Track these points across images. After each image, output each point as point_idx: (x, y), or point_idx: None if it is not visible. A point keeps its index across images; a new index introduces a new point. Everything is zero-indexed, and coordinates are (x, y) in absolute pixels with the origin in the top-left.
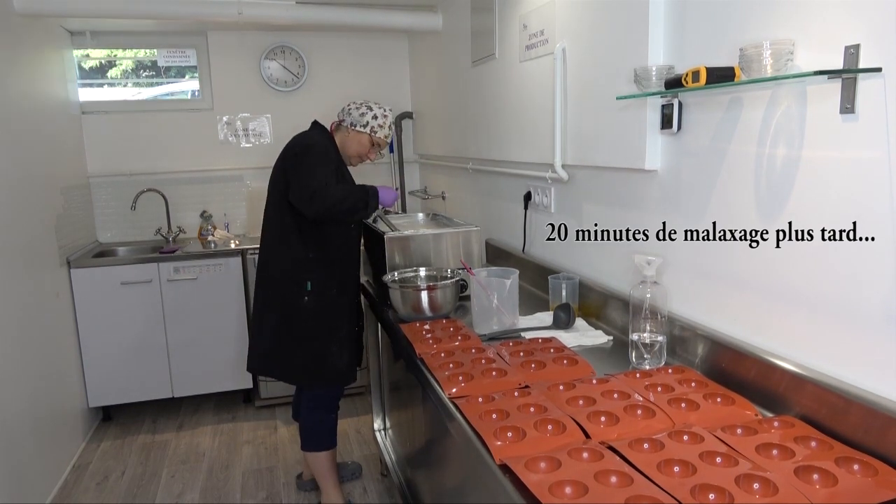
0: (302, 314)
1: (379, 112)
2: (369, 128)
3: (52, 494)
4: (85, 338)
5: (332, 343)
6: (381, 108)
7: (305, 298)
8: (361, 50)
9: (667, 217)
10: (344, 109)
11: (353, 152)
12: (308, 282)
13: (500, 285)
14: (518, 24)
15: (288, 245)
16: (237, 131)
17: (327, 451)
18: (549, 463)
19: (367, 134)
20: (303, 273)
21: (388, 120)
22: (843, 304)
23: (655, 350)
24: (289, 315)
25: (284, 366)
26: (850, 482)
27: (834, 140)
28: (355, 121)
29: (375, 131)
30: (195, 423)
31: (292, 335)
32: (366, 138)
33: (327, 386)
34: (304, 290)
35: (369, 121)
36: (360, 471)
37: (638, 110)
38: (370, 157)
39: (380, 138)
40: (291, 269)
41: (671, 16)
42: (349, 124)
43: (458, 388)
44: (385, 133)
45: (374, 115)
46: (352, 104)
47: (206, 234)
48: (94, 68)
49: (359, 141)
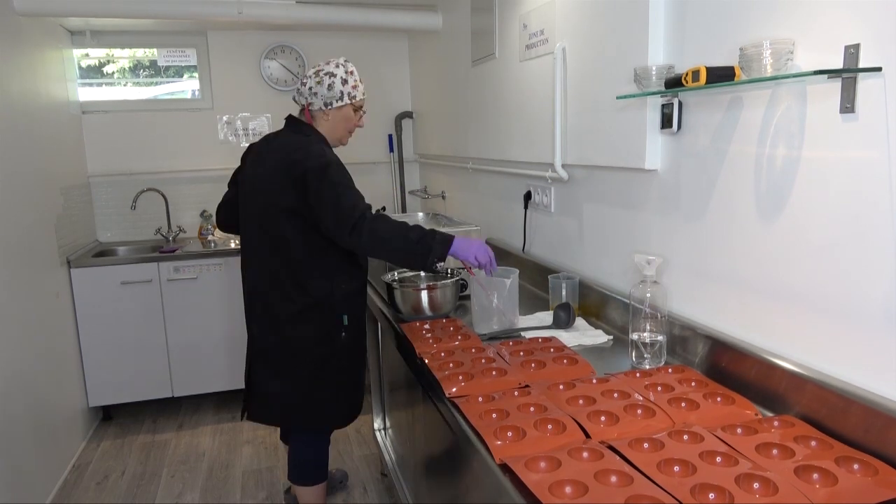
0: (337, 353)
1: (340, 72)
2: (347, 96)
3: (52, 494)
4: (85, 338)
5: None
6: (341, 66)
7: (343, 335)
8: (361, 50)
9: (667, 217)
10: (302, 92)
11: (342, 132)
12: (344, 315)
13: (500, 285)
14: (518, 24)
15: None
16: (237, 131)
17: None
18: (549, 462)
19: (348, 104)
20: (335, 307)
21: (354, 73)
22: (844, 303)
23: (655, 350)
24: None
25: (314, 413)
26: (850, 482)
27: (834, 140)
28: (328, 98)
29: (354, 96)
30: (195, 422)
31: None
32: (348, 109)
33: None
34: (340, 326)
35: (341, 88)
36: (347, 479)
37: (638, 110)
38: (360, 125)
39: (362, 100)
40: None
41: (671, 15)
42: (323, 105)
43: (458, 388)
44: (362, 90)
45: (341, 78)
46: (307, 80)
47: (206, 233)
48: (94, 68)
49: (344, 116)
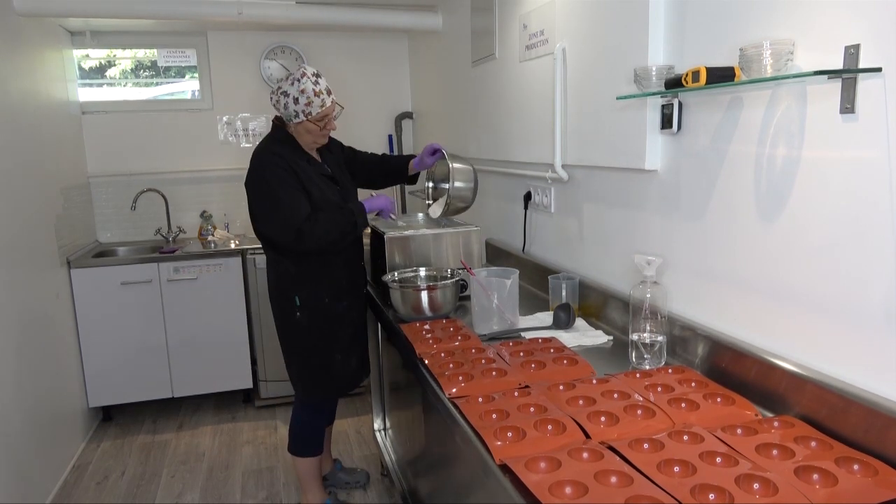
0: (297, 330)
1: (294, 91)
2: (302, 114)
3: (52, 494)
4: (85, 338)
5: (335, 352)
6: (296, 83)
7: (297, 314)
8: (361, 50)
9: (667, 217)
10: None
11: (310, 141)
12: (295, 296)
13: (500, 285)
14: (518, 24)
15: (271, 259)
16: (237, 131)
17: (314, 458)
18: (549, 463)
19: (304, 120)
20: (289, 288)
21: (307, 90)
22: (844, 303)
23: (655, 350)
24: (286, 331)
25: (296, 378)
26: (850, 482)
27: (834, 140)
28: (286, 116)
29: (309, 112)
30: (195, 423)
31: (293, 351)
32: (306, 124)
33: (338, 394)
34: (293, 305)
35: (294, 108)
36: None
37: (638, 110)
38: (330, 129)
39: (318, 116)
40: (278, 284)
41: (671, 16)
42: (287, 120)
43: (458, 388)
44: (318, 104)
45: (293, 98)
46: (272, 96)
47: (206, 234)
48: (94, 68)
49: (306, 129)
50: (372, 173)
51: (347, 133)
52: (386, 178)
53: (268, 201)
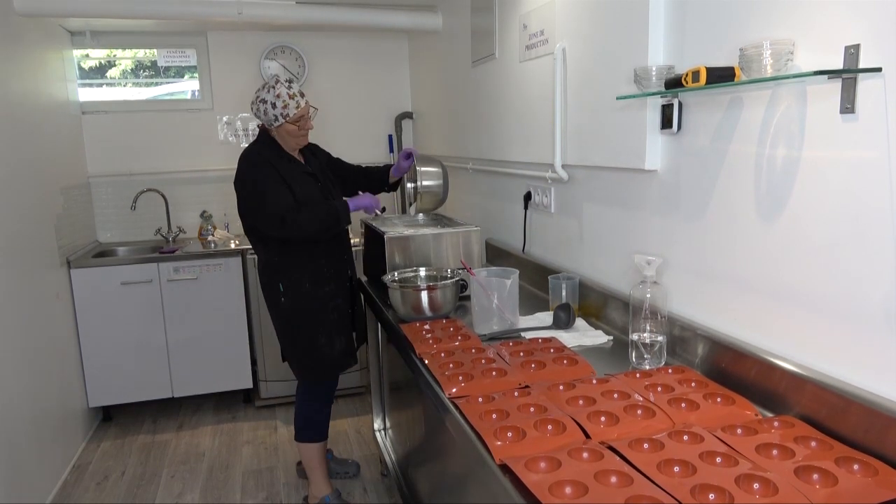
0: (282, 314)
1: (270, 97)
2: (281, 117)
3: (52, 494)
4: (85, 338)
5: (320, 335)
6: (271, 90)
7: (282, 299)
8: (361, 50)
9: (667, 217)
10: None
11: (292, 142)
12: (280, 283)
13: (500, 285)
14: (518, 24)
15: (259, 251)
16: (237, 131)
17: (319, 443)
18: (549, 463)
19: (283, 123)
20: (274, 276)
21: (282, 94)
22: (844, 303)
23: (655, 350)
24: (274, 317)
25: (290, 361)
26: (850, 482)
27: (834, 140)
28: (267, 121)
29: (287, 115)
30: (195, 423)
31: (282, 334)
32: (286, 126)
33: (325, 376)
34: (278, 292)
35: (272, 112)
36: (358, 469)
37: (638, 110)
38: (308, 128)
39: (295, 116)
40: (265, 273)
41: (671, 16)
42: (269, 125)
43: (458, 388)
44: (293, 106)
45: (270, 103)
46: (252, 106)
47: (206, 234)
48: (94, 68)
49: (287, 132)
50: (357, 183)
51: (348, 132)
52: (369, 185)
53: (254, 195)
